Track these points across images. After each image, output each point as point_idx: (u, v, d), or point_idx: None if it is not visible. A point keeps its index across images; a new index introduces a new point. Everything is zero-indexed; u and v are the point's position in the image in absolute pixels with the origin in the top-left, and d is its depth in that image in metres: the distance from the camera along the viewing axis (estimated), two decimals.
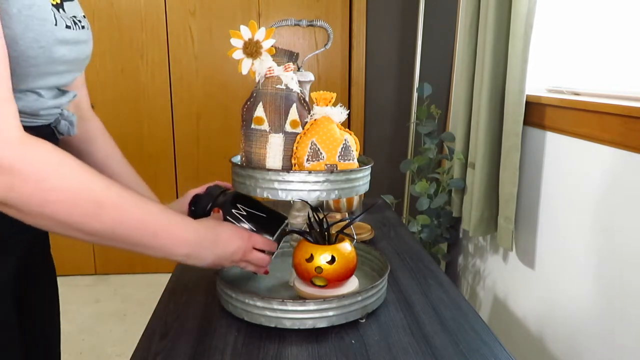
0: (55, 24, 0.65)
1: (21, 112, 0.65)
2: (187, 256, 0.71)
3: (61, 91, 0.76)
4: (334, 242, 0.84)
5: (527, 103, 1.48)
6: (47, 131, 0.74)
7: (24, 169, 0.55)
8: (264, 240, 0.81)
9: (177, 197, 0.97)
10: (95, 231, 0.61)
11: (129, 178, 0.93)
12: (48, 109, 0.72)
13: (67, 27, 0.68)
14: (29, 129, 0.66)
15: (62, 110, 0.76)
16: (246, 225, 0.82)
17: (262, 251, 0.81)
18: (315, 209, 0.87)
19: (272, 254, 0.83)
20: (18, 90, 0.65)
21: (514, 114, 1.48)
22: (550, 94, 1.52)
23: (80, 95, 0.90)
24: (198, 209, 0.87)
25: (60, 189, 0.57)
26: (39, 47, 0.62)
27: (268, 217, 0.85)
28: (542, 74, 1.61)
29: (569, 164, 1.36)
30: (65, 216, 0.58)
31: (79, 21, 0.73)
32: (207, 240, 0.74)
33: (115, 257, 2.74)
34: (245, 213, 0.83)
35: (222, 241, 0.76)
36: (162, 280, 1.22)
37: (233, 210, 0.83)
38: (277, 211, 0.87)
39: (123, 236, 0.63)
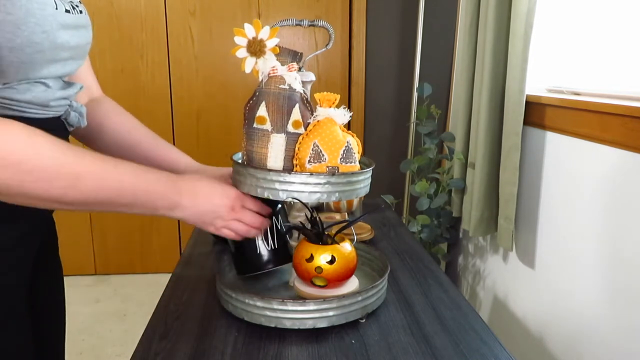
0: (56, 8, 0.66)
1: (31, 103, 0.68)
2: (170, 209, 0.72)
3: (68, 83, 0.77)
4: (334, 242, 0.84)
5: (527, 103, 1.48)
6: (57, 123, 0.75)
7: None
8: (254, 201, 0.80)
9: None
10: (76, 200, 0.63)
11: (160, 146, 0.96)
12: (57, 100, 0.73)
13: (67, 11, 0.69)
14: (39, 121, 0.70)
15: (70, 101, 0.77)
16: None
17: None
18: (312, 209, 0.87)
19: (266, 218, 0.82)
20: (26, 80, 0.66)
21: (514, 113, 1.48)
22: (550, 94, 1.52)
23: (89, 81, 0.93)
24: None
25: (37, 169, 0.59)
26: (42, 32, 0.63)
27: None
28: (542, 74, 1.61)
29: (569, 164, 1.36)
30: (44, 192, 0.60)
31: (76, 6, 0.74)
32: (187, 193, 0.74)
33: (115, 257, 2.74)
34: None
35: (202, 195, 0.76)
36: (162, 280, 1.22)
37: None
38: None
39: (105, 200, 0.65)
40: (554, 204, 1.43)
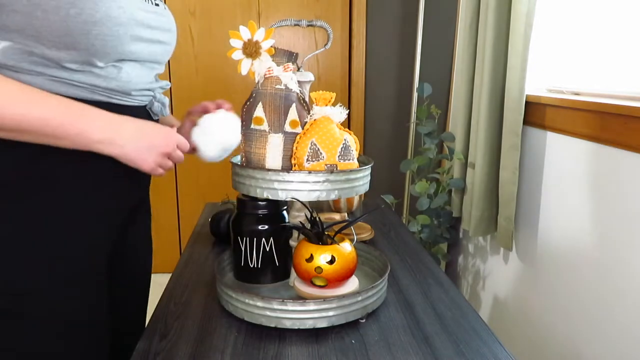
0: (156, 4, 0.79)
1: (115, 91, 0.77)
2: (102, 142, 0.72)
3: (155, 79, 0.87)
4: (334, 242, 0.84)
5: (527, 103, 1.48)
6: (142, 111, 0.84)
7: None
8: (186, 142, 0.83)
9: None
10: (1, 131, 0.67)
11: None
12: (139, 91, 0.81)
13: (146, 0, 0.79)
14: (125, 107, 0.80)
15: (154, 93, 0.86)
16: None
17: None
18: (312, 209, 0.87)
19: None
20: (115, 61, 0.74)
21: (513, 113, 1.48)
22: (550, 94, 1.52)
23: None
24: None
25: None
26: (119, 8, 0.71)
27: None
28: (542, 74, 1.61)
29: (569, 164, 1.36)
30: None
31: (157, 4, 0.83)
32: (128, 129, 0.75)
33: None
34: None
35: (147, 133, 0.77)
36: (162, 280, 1.23)
37: None
38: None
39: (30, 130, 0.67)
40: (554, 204, 1.43)
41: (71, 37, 0.68)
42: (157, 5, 0.83)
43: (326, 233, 0.85)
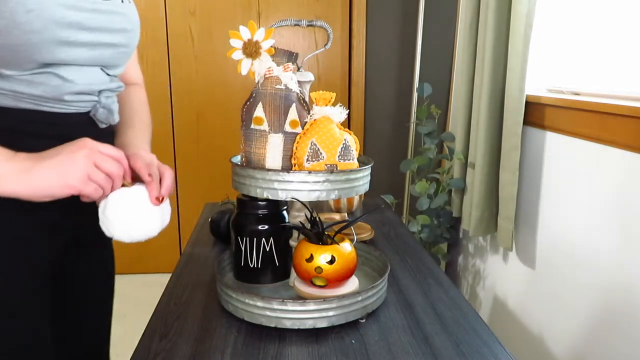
0: None
1: (43, 97, 0.64)
2: (9, 174, 0.59)
3: (109, 80, 0.74)
4: (334, 242, 0.84)
5: (527, 103, 1.48)
6: (83, 119, 0.72)
7: None
8: (107, 145, 0.67)
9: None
10: None
11: (126, 132, 0.85)
12: (74, 95, 0.68)
13: None
14: (62, 115, 0.67)
15: (99, 98, 0.73)
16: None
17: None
18: (312, 209, 0.87)
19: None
20: (42, 69, 0.63)
21: (514, 113, 1.48)
22: (550, 94, 1.52)
23: (133, 75, 0.92)
24: None
25: None
26: (27, 12, 0.58)
27: None
28: (542, 74, 1.61)
29: (569, 164, 1.36)
30: None
31: None
32: (31, 156, 0.61)
33: (115, 257, 2.74)
34: None
35: (50, 152, 0.62)
36: (162, 280, 1.23)
37: None
38: None
39: None
40: (554, 204, 1.43)
41: None
42: (122, 0, 0.71)
43: (326, 233, 0.85)
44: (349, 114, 2.28)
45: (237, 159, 0.91)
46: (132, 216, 0.70)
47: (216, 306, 0.87)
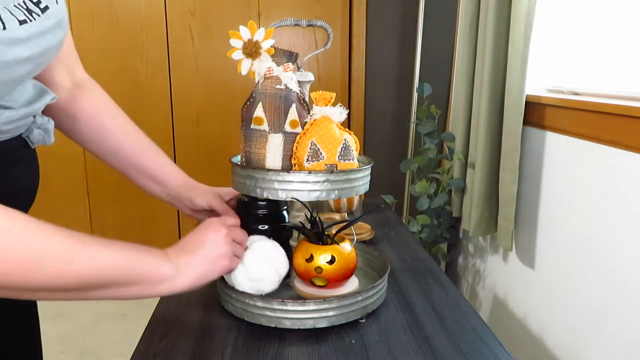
0: (4, 28, 0.54)
1: None
2: (171, 278, 0.60)
3: (38, 91, 0.68)
4: (334, 242, 0.84)
5: (527, 103, 1.48)
6: (16, 142, 0.66)
7: None
8: (230, 215, 0.78)
9: None
10: (42, 286, 0.49)
11: (152, 157, 0.87)
12: (12, 123, 0.62)
13: (22, 22, 0.56)
14: None
15: (35, 117, 0.68)
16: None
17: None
18: (312, 209, 0.87)
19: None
20: None
21: (514, 113, 1.48)
22: (550, 94, 1.52)
23: (71, 62, 0.81)
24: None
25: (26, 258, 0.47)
26: None
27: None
28: (542, 74, 1.61)
29: (569, 164, 1.36)
30: (13, 280, 0.47)
31: (37, 4, 0.60)
32: (177, 251, 0.64)
33: None
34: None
35: (193, 243, 0.67)
36: None
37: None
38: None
39: (70, 284, 0.51)
40: (554, 204, 1.43)
41: None
42: (44, 10, 0.60)
43: (326, 233, 0.85)
44: (349, 114, 2.28)
45: (237, 159, 0.91)
46: (271, 266, 0.79)
47: (216, 306, 0.87)
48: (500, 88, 1.56)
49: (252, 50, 0.80)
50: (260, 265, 0.77)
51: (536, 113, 1.49)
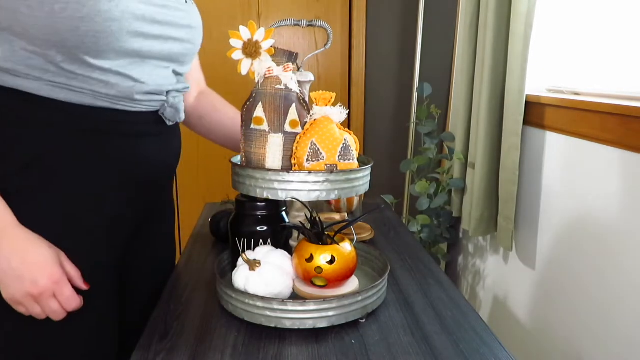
0: None
1: (118, 97, 0.74)
2: None
3: (177, 80, 0.82)
4: (334, 242, 0.84)
5: (527, 103, 1.48)
6: (153, 117, 0.81)
7: None
8: (75, 268, 0.75)
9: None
10: None
11: None
12: (144, 95, 0.76)
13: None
14: (133, 114, 0.76)
15: (167, 97, 0.82)
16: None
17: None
18: (312, 209, 0.87)
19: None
20: (114, 69, 0.71)
21: (513, 113, 1.48)
22: (550, 94, 1.52)
23: (198, 76, 1.06)
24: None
25: None
26: (109, 1, 0.65)
27: None
28: (542, 74, 1.61)
29: (569, 164, 1.36)
30: None
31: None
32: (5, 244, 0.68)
33: None
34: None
35: (22, 259, 0.69)
36: None
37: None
38: None
39: None
40: (554, 204, 1.43)
41: (59, 34, 0.64)
42: (185, 1, 0.80)
43: (326, 233, 0.85)
44: (349, 114, 2.29)
45: (237, 159, 0.91)
46: (286, 274, 0.83)
47: (216, 306, 0.87)
48: (500, 88, 1.57)
49: (252, 50, 0.80)
50: (279, 278, 0.81)
51: (536, 113, 1.49)
